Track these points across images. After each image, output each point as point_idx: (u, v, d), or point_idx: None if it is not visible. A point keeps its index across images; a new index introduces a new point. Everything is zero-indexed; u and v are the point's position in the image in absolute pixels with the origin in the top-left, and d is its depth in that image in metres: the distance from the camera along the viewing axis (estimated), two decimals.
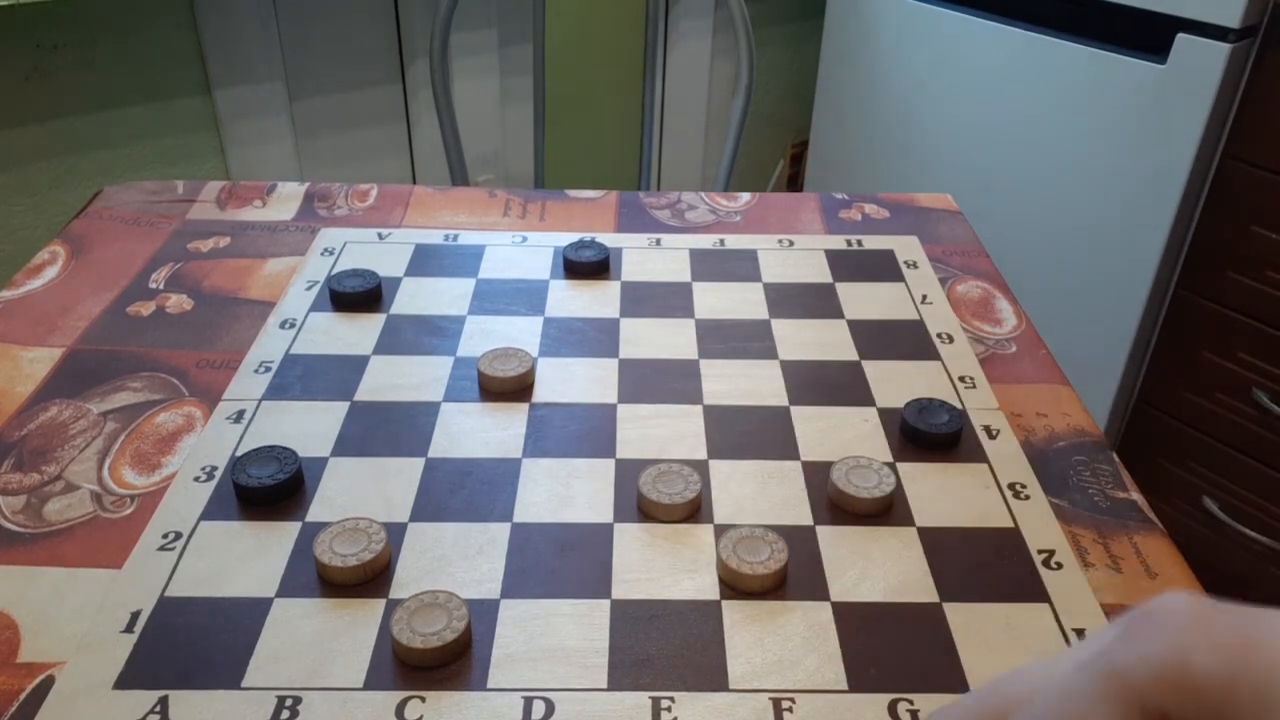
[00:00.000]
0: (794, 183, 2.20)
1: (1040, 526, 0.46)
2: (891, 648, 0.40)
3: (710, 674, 0.38)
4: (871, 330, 0.60)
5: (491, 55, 1.63)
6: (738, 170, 1.26)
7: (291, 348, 0.57)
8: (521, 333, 0.59)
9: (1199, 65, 1.28)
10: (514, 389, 0.54)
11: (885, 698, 0.38)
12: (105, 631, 0.39)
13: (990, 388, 0.56)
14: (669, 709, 0.37)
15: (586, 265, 0.65)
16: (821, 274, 0.66)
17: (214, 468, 0.48)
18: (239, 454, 0.48)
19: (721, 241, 0.69)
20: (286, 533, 0.44)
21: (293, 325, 0.59)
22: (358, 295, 0.61)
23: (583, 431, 0.51)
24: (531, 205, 0.74)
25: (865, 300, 0.63)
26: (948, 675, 0.38)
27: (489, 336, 0.58)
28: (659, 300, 0.62)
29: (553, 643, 0.39)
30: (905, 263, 0.67)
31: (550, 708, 0.37)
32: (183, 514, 0.45)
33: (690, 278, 0.65)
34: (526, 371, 0.54)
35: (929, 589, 0.42)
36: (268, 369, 0.55)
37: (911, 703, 0.37)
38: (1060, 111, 1.45)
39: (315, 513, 0.45)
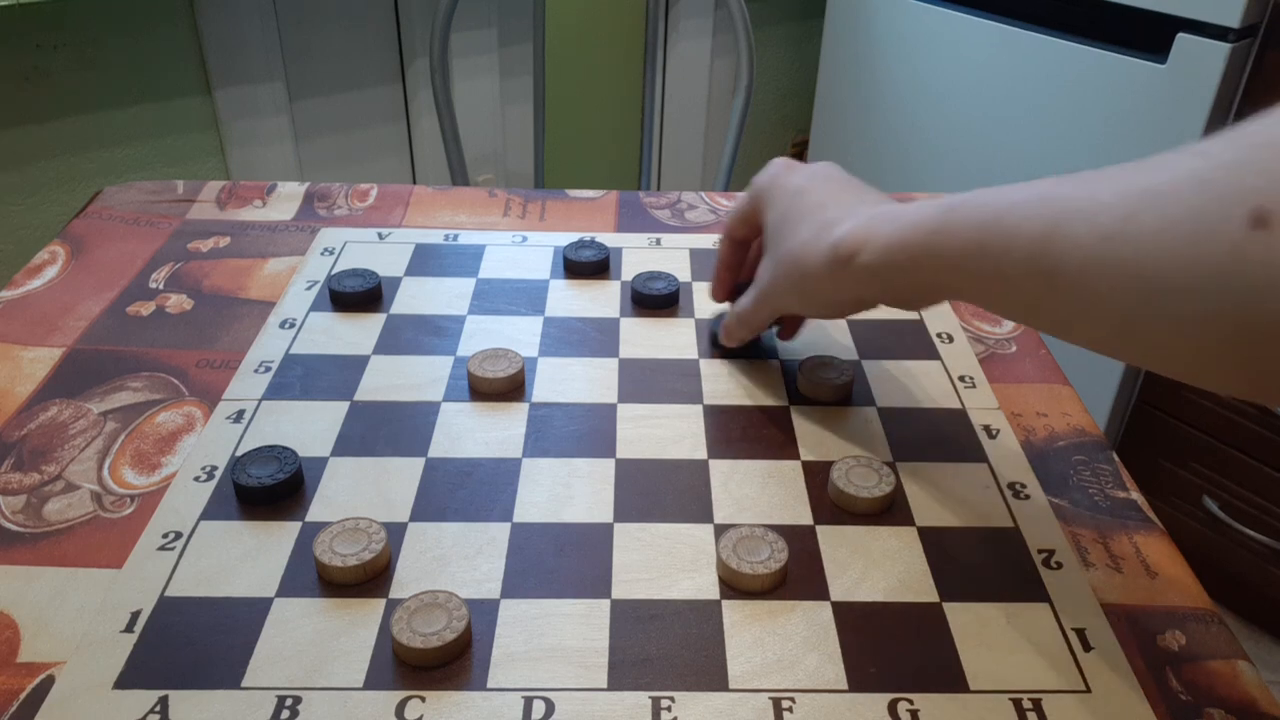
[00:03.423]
0: None
1: (1040, 526, 0.46)
2: (891, 648, 0.40)
3: (710, 674, 0.38)
4: (871, 330, 0.60)
5: (491, 55, 1.63)
6: (738, 170, 1.26)
7: (291, 347, 0.57)
8: (521, 333, 0.59)
9: (1199, 65, 1.28)
10: (504, 390, 0.53)
11: (885, 697, 0.38)
12: (105, 631, 0.39)
13: (990, 387, 0.56)
14: (669, 709, 0.37)
15: (586, 265, 0.65)
16: None
17: (214, 468, 0.48)
18: (239, 454, 0.48)
19: None
20: (286, 533, 0.44)
21: (293, 325, 0.59)
22: (358, 295, 0.61)
23: (582, 431, 0.51)
24: (531, 205, 0.74)
25: None
26: (948, 675, 0.39)
27: (489, 336, 0.58)
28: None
29: (553, 643, 0.39)
30: None
31: (550, 707, 0.37)
32: (183, 514, 0.45)
33: (690, 278, 0.65)
34: (517, 372, 0.54)
35: (929, 589, 0.42)
36: (268, 369, 0.55)
37: (911, 703, 0.37)
38: (1060, 111, 1.45)
39: (315, 513, 0.45)
